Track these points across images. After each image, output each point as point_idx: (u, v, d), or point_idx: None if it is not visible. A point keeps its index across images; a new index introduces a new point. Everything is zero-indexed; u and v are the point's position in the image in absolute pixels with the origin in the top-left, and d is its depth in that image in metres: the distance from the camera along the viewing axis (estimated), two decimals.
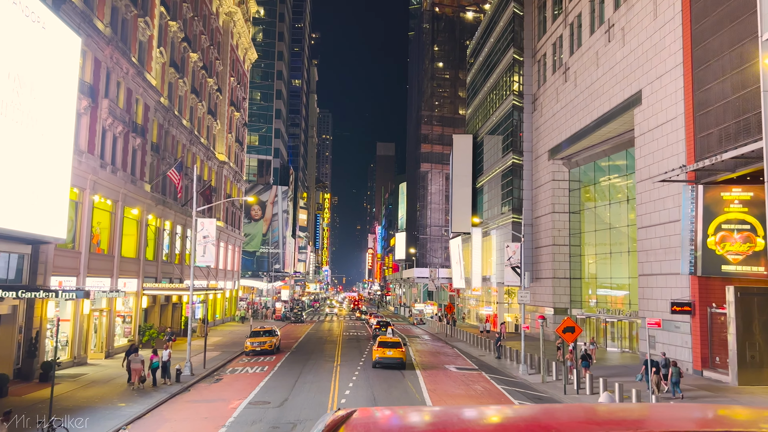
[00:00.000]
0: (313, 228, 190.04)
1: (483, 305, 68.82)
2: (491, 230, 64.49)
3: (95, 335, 34.19)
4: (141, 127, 39.04)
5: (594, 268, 49.92)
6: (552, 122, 52.73)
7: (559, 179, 52.61)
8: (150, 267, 42.45)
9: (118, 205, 35.71)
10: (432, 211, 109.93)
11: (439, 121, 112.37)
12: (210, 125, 60.23)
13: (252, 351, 38.07)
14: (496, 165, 63.91)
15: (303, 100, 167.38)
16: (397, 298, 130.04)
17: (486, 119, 69.52)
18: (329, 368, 31.97)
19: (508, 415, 3.60)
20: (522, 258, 33.10)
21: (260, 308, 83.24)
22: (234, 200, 63.90)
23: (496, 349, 39.28)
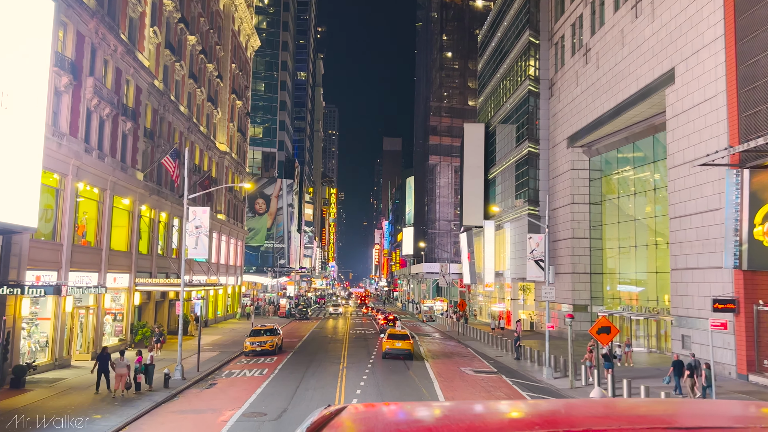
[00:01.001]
0: (319, 223, 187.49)
1: (495, 302, 65.90)
2: (505, 223, 61.51)
3: (81, 335, 31.51)
4: (132, 110, 36.28)
5: (616, 263, 46.91)
6: (571, 108, 49.67)
7: (578, 168, 49.58)
8: (144, 261, 39.76)
9: (107, 193, 32.99)
10: (441, 205, 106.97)
11: (448, 113, 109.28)
12: (210, 113, 57.48)
13: (252, 351, 35.34)
14: (509, 155, 60.90)
15: (309, 93, 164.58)
16: (404, 294, 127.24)
17: (498, 107, 66.47)
18: (334, 371, 29.16)
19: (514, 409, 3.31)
20: (546, 250, 30.15)
21: (264, 304, 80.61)
22: (230, 186, 61.13)
23: (515, 350, 36.40)
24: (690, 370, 24.87)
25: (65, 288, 23.76)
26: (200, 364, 30.89)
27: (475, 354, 39.57)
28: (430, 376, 28.48)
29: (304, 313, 70.81)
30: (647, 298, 42.73)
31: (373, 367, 30.72)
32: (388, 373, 29.14)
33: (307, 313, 71.54)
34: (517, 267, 56.51)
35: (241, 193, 72.77)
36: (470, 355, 39.10)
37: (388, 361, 33.52)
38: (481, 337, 48.70)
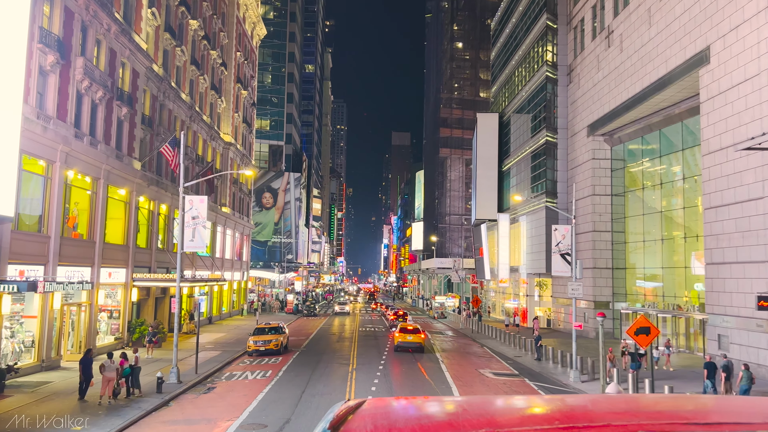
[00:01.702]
0: (328, 218, 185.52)
1: (510, 298, 63.53)
2: (520, 216, 59.07)
3: (73, 333, 29.49)
4: (128, 95, 34.16)
5: (640, 257, 44.43)
6: (592, 94, 47.13)
7: (599, 158, 47.07)
8: (142, 255, 37.71)
9: (100, 183, 30.90)
10: (451, 199, 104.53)
11: (459, 104, 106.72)
12: (214, 102, 55.36)
13: (255, 351, 33.22)
14: (525, 145, 58.41)
15: (316, 86, 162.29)
16: (414, 289, 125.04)
17: (513, 96, 63.94)
18: (343, 374, 26.97)
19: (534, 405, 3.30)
20: (573, 243, 27.78)
21: (271, 300, 78.58)
22: (234, 178, 59.03)
23: (536, 350, 34.06)
24: (726, 372, 22.68)
25: (42, 284, 21.65)
26: (200, 365, 28.80)
27: (492, 354, 37.29)
28: (447, 379, 26.23)
29: (312, 310, 68.71)
30: (674, 294, 40.28)
31: (384, 369, 28.50)
32: (401, 376, 26.92)
33: (315, 309, 69.44)
34: (534, 262, 54.13)
35: (247, 186, 70.73)
36: (487, 355, 36.82)
37: (400, 361, 31.33)
38: (497, 335, 46.41)
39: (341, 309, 72.06)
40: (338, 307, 73.37)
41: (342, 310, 71.97)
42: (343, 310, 71.78)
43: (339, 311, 71.58)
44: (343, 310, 72.04)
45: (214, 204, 55.62)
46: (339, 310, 71.94)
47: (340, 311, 71.53)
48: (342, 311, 71.58)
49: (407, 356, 33.55)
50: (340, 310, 71.64)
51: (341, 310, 71.88)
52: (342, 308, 72.52)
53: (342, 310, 71.72)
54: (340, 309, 72.06)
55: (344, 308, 72.74)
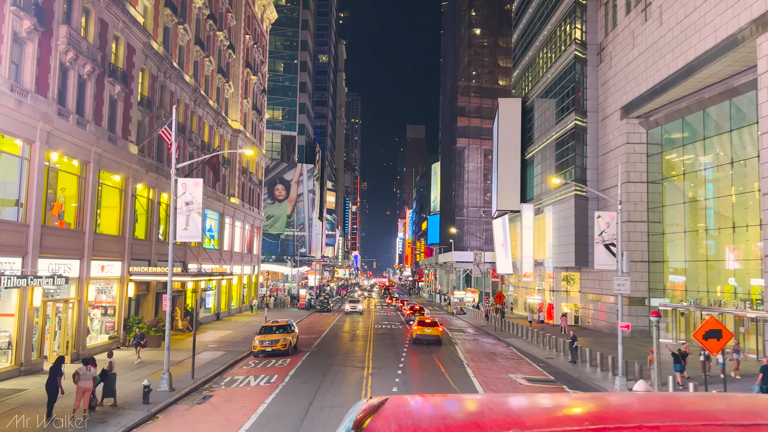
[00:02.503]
0: (342, 211, 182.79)
1: (534, 293, 60.14)
2: (545, 207, 55.60)
3: (59, 333, 26.72)
4: (122, 72, 31.26)
5: (680, 249, 40.90)
6: (626, 73, 43.55)
7: (634, 142, 43.50)
8: (140, 247, 34.91)
9: (90, 167, 28.06)
10: (469, 190, 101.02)
11: (477, 92, 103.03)
12: (221, 87, 52.45)
13: (261, 352, 30.30)
14: (550, 131, 54.88)
15: (330, 77, 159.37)
16: (430, 284, 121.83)
17: (537, 80, 60.37)
18: (357, 380, 23.92)
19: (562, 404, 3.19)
20: (620, 233, 24.46)
21: (283, 295, 75.78)
22: (234, 164, 56.17)
23: (571, 351, 30.78)
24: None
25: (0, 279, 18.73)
26: (199, 368, 25.97)
27: (520, 355, 34.06)
28: (476, 387, 23.07)
29: (326, 306, 65.77)
30: (719, 290, 36.78)
31: (404, 375, 25.39)
32: (423, 383, 23.80)
33: (328, 305, 66.50)
34: (561, 255, 50.70)
35: (258, 176, 67.89)
36: (515, 356, 33.59)
37: (421, 365, 28.24)
38: (522, 333, 43.15)
39: (353, 308, 61.77)
40: (349, 306, 62.32)
41: (353, 309, 61.70)
42: (355, 309, 61.71)
43: (350, 311, 61.52)
44: (355, 309, 61.79)
45: (222, 194, 52.82)
46: (350, 309, 61.60)
47: (352, 311, 61.55)
48: (353, 310, 61.65)
49: (428, 359, 30.46)
50: (352, 310, 61.56)
51: (353, 309, 61.64)
52: (353, 307, 61.94)
53: (353, 310, 61.64)
54: (352, 308, 61.77)
55: (356, 307, 62.06)
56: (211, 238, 51.27)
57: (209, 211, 50.00)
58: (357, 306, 62.33)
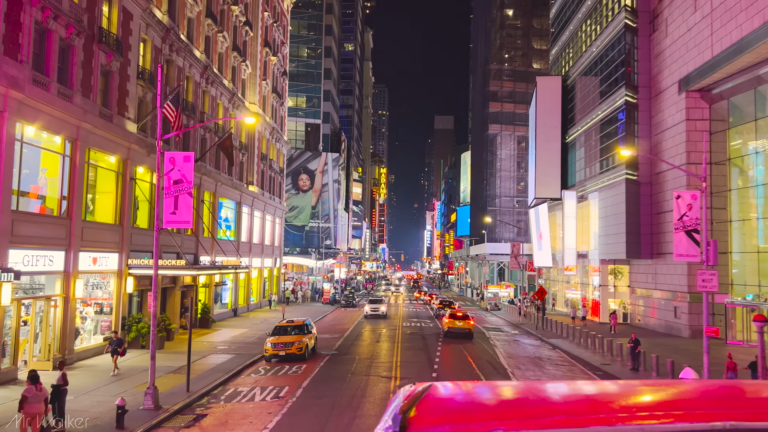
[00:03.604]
0: (369, 203, 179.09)
1: (577, 288, 55.43)
2: (590, 193, 50.81)
3: (41, 335, 23.27)
4: (116, 39, 27.62)
5: (751, 239, 35.93)
6: (685, 41, 38.59)
7: (695, 118, 38.56)
8: (143, 237, 31.37)
9: (77, 145, 24.49)
10: (502, 179, 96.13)
11: (510, 76, 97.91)
12: (237, 67, 48.78)
13: (274, 356, 26.53)
14: (595, 110, 50.00)
15: (356, 65, 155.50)
16: (460, 277, 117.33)
17: (579, 56, 55.43)
18: (382, 395, 19.91)
19: (609, 391, 3.22)
20: (704, 218, 19.99)
21: (306, 289, 72.21)
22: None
23: (633, 357, 26.32)
24: None
25: None
26: (199, 378, 22.30)
27: (570, 360, 29.71)
28: None
29: (351, 301, 61.94)
30: None
31: None
32: None
33: (353, 300, 62.65)
34: (608, 246, 45.96)
35: (279, 164, 64.28)
36: (565, 361, 29.25)
37: (460, 374, 24.13)
38: (567, 333, 38.68)
39: (374, 310, 49.12)
40: (370, 307, 49.70)
41: (374, 311, 49.02)
42: (377, 312, 48.92)
43: (371, 313, 49.03)
44: (377, 311, 49.01)
45: (239, 182, 49.27)
46: (371, 312, 49.08)
47: (373, 313, 48.98)
48: (374, 313, 48.96)
49: (465, 366, 26.32)
50: (372, 312, 48.99)
51: (374, 311, 49.01)
52: (375, 309, 49.19)
53: (374, 312, 48.95)
54: (372, 310, 49.14)
55: (378, 309, 49.14)
56: (228, 229, 47.80)
57: (225, 200, 46.52)
58: (379, 308, 49.24)
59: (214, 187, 42.50)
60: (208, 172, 41.18)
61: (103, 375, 22.26)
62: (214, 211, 42.85)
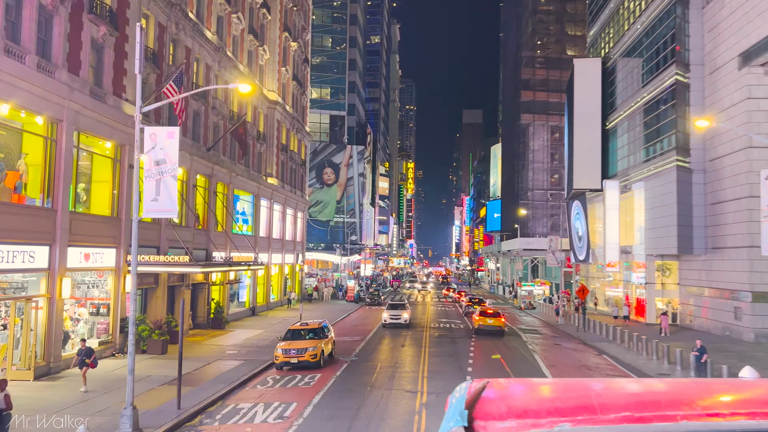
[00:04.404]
0: (397, 199, 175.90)
1: (619, 285, 51.47)
2: (634, 183, 46.82)
3: (22, 341, 20.67)
4: (110, 10, 24.89)
5: None
6: (746, 10, 34.49)
7: (758, 97, 34.46)
8: (145, 231, 28.62)
9: (62, 127, 21.82)
10: (534, 171, 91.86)
11: (542, 63, 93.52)
12: (253, 51, 46.00)
13: (285, 364, 23.57)
14: (640, 93, 45.96)
15: (383, 57, 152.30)
16: (491, 274, 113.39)
17: (620, 36, 51.34)
18: (405, 416, 16.73)
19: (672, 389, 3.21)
20: None
21: (330, 285, 69.37)
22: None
23: (697, 367, 22.67)
24: None
25: None
26: (197, 391, 19.56)
27: (621, 368, 26.16)
28: None
29: (376, 299, 58.88)
30: None
31: None
32: None
33: (379, 298, 59.56)
34: (656, 240, 42.01)
35: (301, 156, 61.47)
36: (615, 370, 25.72)
37: None
38: (612, 336, 34.97)
39: (394, 318, 38.50)
40: (388, 314, 38.83)
41: (395, 319, 38.46)
42: (397, 320, 38.45)
43: (390, 322, 38.42)
44: (397, 319, 38.44)
45: (257, 173, 46.56)
46: (390, 320, 38.47)
47: (393, 321, 38.41)
48: (395, 321, 38.44)
49: (503, 376, 22.97)
50: (392, 320, 38.45)
51: (394, 319, 38.44)
52: (395, 317, 38.52)
53: (395, 320, 38.45)
54: (392, 318, 38.50)
55: (398, 317, 38.51)
56: (245, 223, 45.14)
57: (241, 193, 43.85)
58: (400, 315, 38.66)
59: (228, 179, 39.80)
60: (222, 162, 38.44)
61: (88, 386, 19.54)
62: (229, 204, 40.14)
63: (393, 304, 42.23)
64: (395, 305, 41.41)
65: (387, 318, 38.96)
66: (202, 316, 35.77)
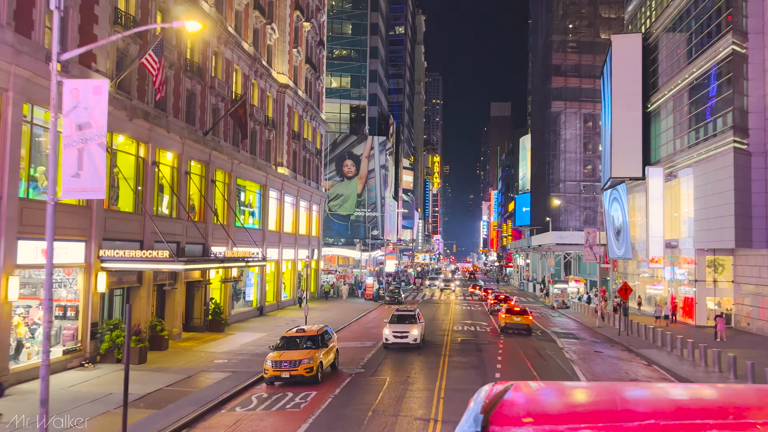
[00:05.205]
0: (422, 193, 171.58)
1: (662, 283, 46.72)
2: (680, 170, 42.06)
3: None
4: None
5: None
6: None
7: None
8: (125, 223, 25.30)
9: (8, 97, 18.37)
10: (567, 162, 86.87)
11: (574, 48, 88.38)
12: (260, 29, 42.40)
13: (275, 378, 19.82)
14: (688, 68, 41.12)
15: (407, 47, 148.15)
16: (520, 270, 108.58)
17: (664, 8, 46.41)
18: None
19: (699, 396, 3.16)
20: None
21: (349, 283, 65.71)
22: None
23: None
24: None
25: None
26: (167, 411, 16.29)
27: (675, 382, 21.74)
28: None
29: (396, 297, 54.98)
30: None
31: None
32: None
33: (399, 296, 55.64)
34: (708, 232, 37.28)
35: (316, 145, 57.81)
36: None
37: None
38: (661, 341, 30.49)
39: (398, 336, 27.59)
40: (391, 331, 27.82)
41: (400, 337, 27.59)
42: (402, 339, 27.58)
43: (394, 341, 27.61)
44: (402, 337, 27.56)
45: (264, 162, 43.03)
46: (394, 338, 27.63)
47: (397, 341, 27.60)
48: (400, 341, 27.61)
49: None
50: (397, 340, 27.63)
51: (398, 337, 27.58)
52: (399, 334, 27.62)
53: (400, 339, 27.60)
54: (397, 336, 27.61)
55: (404, 334, 27.55)
56: (251, 216, 41.66)
57: (247, 183, 40.35)
58: (407, 332, 27.52)
59: (230, 166, 36.26)
60: (221, 147, 34.90)
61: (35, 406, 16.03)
62: (231, 195, 36.62)
63: (400, 314, 29.54)
64: (402, 316, 29.19)
65: (389, 336, 27.53)
66: (198, 318, 32.32)
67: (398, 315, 29.58)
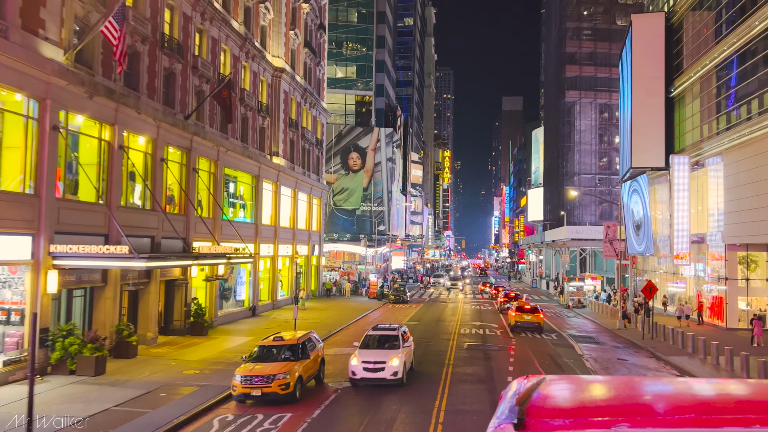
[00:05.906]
0: (432, 188, 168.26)
1: (687, 280, 43.26)
2: (708, 158, 38.59)
3: None
4: None
5: None
6: None
7: None
8: (84, 215, 22.38)
9: None
10: (581, 154, 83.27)
11: (589, 35, 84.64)
12: (253, 7, 39.38)
13: (244, 396, 16.79)
14: (718, 47, 37.59)
15: (416, 38, 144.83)
16: (533, 266, 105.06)
17: None
18: None
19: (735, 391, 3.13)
20: None
21: (351, 280, 62.75)
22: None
23: None
24: None
25: None
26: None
27: None
28: None
29: (401, 295, 51.84)
30: None
31: None
32: None
33: (404, 295, 52.49)
34: (740, 226, 33.88)
35: (316, 134, 54.74)
36: None
37: None
38: (692, 346, 27.23)
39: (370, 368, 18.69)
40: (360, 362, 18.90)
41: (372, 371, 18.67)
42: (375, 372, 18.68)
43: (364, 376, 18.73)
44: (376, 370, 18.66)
45: (258, 151, 40.09)
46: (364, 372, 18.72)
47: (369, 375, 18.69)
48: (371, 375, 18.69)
49: None
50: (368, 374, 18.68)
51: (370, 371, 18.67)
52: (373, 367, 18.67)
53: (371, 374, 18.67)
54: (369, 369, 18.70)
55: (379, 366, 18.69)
56: (243, 208, 38.73)
57: (237, 173, 37.41)
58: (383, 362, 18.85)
59: (215, 154, 33.31)
60: (205, 133, 31.93)
61: None
62: (217, 185, 33.67)
63: (376, 333, 21.04)
64: (380, 337, 20.62)
65: (357, 368, 18.92)
66: (178, 320, 29.40)
67: (373, 336, 20.69)
